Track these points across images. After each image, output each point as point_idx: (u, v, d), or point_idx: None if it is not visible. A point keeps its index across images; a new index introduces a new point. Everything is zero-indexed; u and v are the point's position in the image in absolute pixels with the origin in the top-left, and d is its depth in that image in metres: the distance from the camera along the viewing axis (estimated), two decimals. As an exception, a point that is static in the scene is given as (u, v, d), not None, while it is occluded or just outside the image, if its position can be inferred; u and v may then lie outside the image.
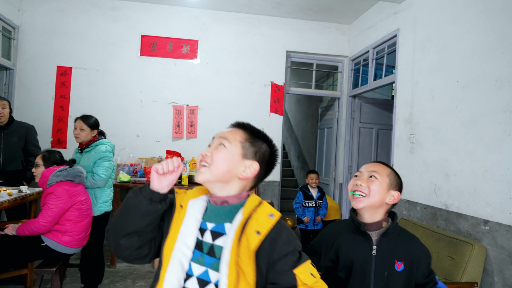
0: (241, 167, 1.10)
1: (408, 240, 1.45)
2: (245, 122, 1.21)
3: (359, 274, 1.39)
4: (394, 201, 1.44)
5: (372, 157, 5.48)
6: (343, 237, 1.45)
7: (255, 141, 1.14)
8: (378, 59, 4.79)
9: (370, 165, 1.49)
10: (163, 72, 5.17)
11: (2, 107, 3.71)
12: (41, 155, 2.81)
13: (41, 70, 4.95)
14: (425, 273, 1.43)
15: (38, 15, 4.94)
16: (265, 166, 1.15)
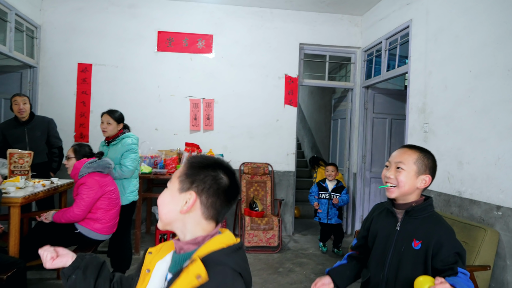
0: (180, 202, 1.05)
1: (434, 224, 1.49)
2: (196, 155, 1.15)
3: (381, 245, 1.56)
4: (425, 184, 1.51)
5: (385, 147, 5.56)
6: (377, 212, 1.66)
7: (196, 172, 1.07)
8: (391, 49, 4.85)
9: (397, 155, 1.55)
10: (179, 67, 5.31)
11: (23, 102, 3.91)
12: (72, 148, 2.98)
13: (63, 67, 5.13)
14: (446, 261, 1.43)
15: (59, 15, 5.11)
16: (214, 189, 1.06)
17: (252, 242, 4.60)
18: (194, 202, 1.04)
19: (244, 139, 5.43)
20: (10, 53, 4.40)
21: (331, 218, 4.56)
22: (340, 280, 1.64)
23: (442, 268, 1.44)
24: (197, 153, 1.00)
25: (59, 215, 2.77)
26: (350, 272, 1.67)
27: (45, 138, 4.16)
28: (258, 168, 5.26)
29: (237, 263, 1.00)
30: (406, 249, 1.49)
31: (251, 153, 5.43)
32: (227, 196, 1.09)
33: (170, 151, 4.95)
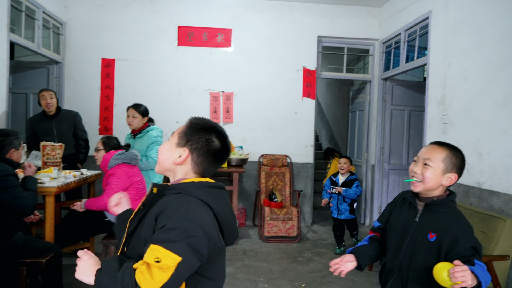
0: (175, 154, 1.26)
1: (451, 219, 1.54)
2: (198, 117, 1.33)
3: (399, 234, 1.63)
4: (451, 182, 1.55)
5: (404, 139, 5.57)
6: (401, 200, 1.73)
7: (192, 132, 1.25)
8: (410, 41, 4.84)
9: (426, 151, 1.59)
10: (199, 61, 5.42)
11: (50, 97, 4.09)
12: (101, 141, 3.13)
13: (87, 62, 5.30)
14: (462, 255, 1.47)
15: (83, 11, 5.27)
16: (204, 150, 1.24)
17: (272, 232, 4.71)
18: (186, 158, 1.25)
19: (263, 131, 5.52)
20: (38, 50, 4.58)
21: (342, 214, 4.40)
22: (362, 258, 1.70)
23: (462, 260, 1.47)
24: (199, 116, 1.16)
25: (90, 202, 2.93)
26: (372, 252, 1.75)
27: (71, 131, 4.34)
28: (276, 160, 5.35)
29: (205, 195, 1.18)
30: (422, 240, 1.55)
31: (269, 145, 5.52)
32: (215, 157, 1.27)
33: (191, 143, 5.07)
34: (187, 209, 1.13)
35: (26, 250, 2.45)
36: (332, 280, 3.57)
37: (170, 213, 1.13)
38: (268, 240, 4.73)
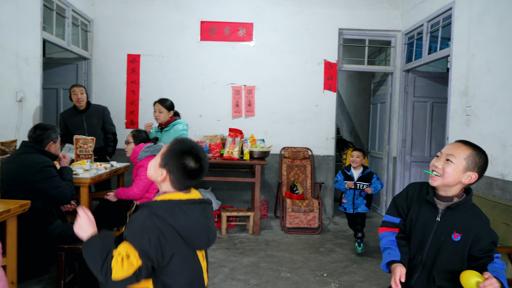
0: (158, 172, 1.45)
1: (474, 217, 1.59)
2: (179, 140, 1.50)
3: (421, 232, 1.67)
4: (470, 181, 1.57)
5: (426, 131, 5.54)
6: (417, 197, 1.71)
7: (170, 156, 1.44)
8: (433, 32, 4.80)
9: (450, 147, 1.62)
10: (221, 55, 5.51)
11: (80, 92, 4.28)
12: (131, 134, 3.28)
13: (114, 58, 5.48)
14: (484, 250, 1.57)
15: (109, 8, 5.44)
16: (180, 173, 1.42)
17: (293, 223, 4.80)
18: (165, 177, 1.44)
19: (284, 124, 5.59)
20: (68, 47, 4.77)
21: (357, 207, 4.11)
22: (406, 262, 1.69)
23: (480, 256, 1.57)
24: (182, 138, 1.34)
25: (119, 191, 3.10)
26: (407, 250, 1.72)
27: (100, 125, 4.53)
28: (298, 153, 5.42)
29: (161, 208, 1.36)
30: (446, 240, 1.60)
31: (291, 138, 5.59)
32: (190, 176, 1.45)
33: (214, 136, 5.20)
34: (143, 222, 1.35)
35: (64, 237, 2.62)
36: (353, 270, 3.64)
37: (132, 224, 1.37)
38: (289, 231, 4.82)
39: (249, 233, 4.70)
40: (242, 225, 4.95)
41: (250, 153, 4.79)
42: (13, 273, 2.02)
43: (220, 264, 3.67)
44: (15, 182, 2.36)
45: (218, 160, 4.73)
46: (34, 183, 2.43)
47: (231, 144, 4.82)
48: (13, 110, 3.70)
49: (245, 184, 5.61)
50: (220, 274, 3.42)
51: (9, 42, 3.60)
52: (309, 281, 3.36)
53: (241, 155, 4.80)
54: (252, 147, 4.89)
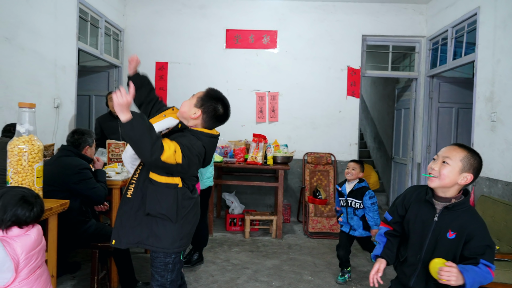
0: (192, 111, 1.83)
1: (470, 218, 1.64)
2: (213, 88, 1.93)
3: (419, 231, 1.74)
4: (466, 182, 1.63)
5: (451, 137, 5.49)
6: (416, 198, 1.79)
7: (206, 100, 1.84)
8: (458, 38, 4.78)
9: (446, 150, 1.69)
10: (246, 62, 5.65)
11: None
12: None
13: (143, 66, 5.69)
14: (472, 251, 1.60)
15: (139, 18, 5.68)
16: (211, 114, 1.85)
17: (316, 228, 4.85)
18: (199, 116, 1.83)
19: (307, 129, 5.66)
20: (101, 56, 5.02)
21: (355, 230, 3.44)
22: (391, 260, 1.84)
23: (468, 256, 1.61)
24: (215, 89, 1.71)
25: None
26: (395, 249, 1.86)
27: None
28: (321, 158, 5.47)
29: (204, 141, 1.80)
30: (442, 238, 1.67)
31: (314, 143, 5.65)
32: (218, 119, 1.89)
33: (238, 141, 5.33)
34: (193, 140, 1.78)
35: (98, 235, 2.78)
36: (375, 275, 3.66)
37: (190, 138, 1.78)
38: (312, 235, 4.87)
39: (272, 236, 4.78)
40: (265, 229, 5.04)
41: (273, 158, 4.89)
42: (53, 267, 2.18)
43: (244, 266, 3.77)
44: (55, 183, 2.55)
45: (242, 165, 4.85)
46: (72, 184, 2.61)
47: (255, 149, 4.93)
48: (51, 116, 3.94)
49: (269, 188, 5.71)
50: (244, 276, 3.52)
51: (48, 52, 3.85)
52: (331, 285, 3.41)
53: (264, 160, 4.91)
54: (275, 152, 4.98)
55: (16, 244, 1.50)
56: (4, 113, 3.20)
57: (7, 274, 1.46)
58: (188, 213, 1.88)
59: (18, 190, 1.58)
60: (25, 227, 1.56)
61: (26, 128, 2.07)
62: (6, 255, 1.44)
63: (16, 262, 1.48)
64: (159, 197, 1.76)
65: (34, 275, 1.58)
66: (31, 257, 1.56)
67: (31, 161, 2.05)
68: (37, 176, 2.08)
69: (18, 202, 1.53)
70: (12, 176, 2.02)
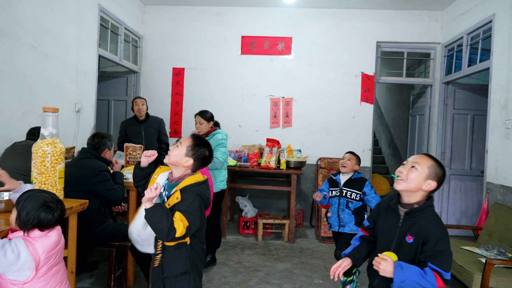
0: (184, 159, 1.94)
1: (428, 223, 1.70)
2: (197, 136, 2.04)
3: (386, 237, 1.83)
4: (429, 188, 1.71)
5: (466, 143, 5.45)
6: (385, 206, 1.90)
7: (196, 148, 1.96)
8: (473, 44, 4.76)
9: (415, 157, 1.79)
10: (261, 68, 5.75)
11: (141, 104, 4.64)
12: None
13: (160, 72, 5.86)
14: (425, 254, 1.65)
15: (157, 25, 5.85)
16: (201, 161, 1.99)
17: (328, 232, 4.87)
18: (191, 164, 1.95)
19: (321, 135, 5.71)
20: (120, 62, 5.19)
21: (344, 225, 3.21)
22: (358, 261, 1.93)
23: (422, 259, 1.67)
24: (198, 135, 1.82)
25: (166, 197, 3.35)
26: (364, 253, 1.97)
27: (156, 135, 4.87)
28: (334, 163, 5.50)
29: (198, 190, 1.88)
30: (403, 242, 1.74)
31: (327, 149, 5.69)
32: (205, 162, 2.02)
33: (252, 146, 5.42)
34: (193, 199, 1.86)
35: (115, 235, 2.90)
36: (386, 280, 3.67)
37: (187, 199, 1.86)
38: (324, 240, 4.90)
39: (284, 240, 4.83)
40: (277, 232, 5.10)
41: (286, 162, 4.95)
42: (72, 264, 2.29)
43: (255, 268, 3.84)
44: (75, 184, 2.67)
45: (256, 169, 4.92)
46: (91, 185, 2.74)
47: (268, 154, 5.00)
48: (72, 119, 4.10)
49: (282, 193, 5.77)
50: (255, 278, 3.58)
51: (71, 59, 4.02)
52: (341, 289, 3.44)
53: (278, 165, 4.97)
54: (288, 157, 5.04)
55: (37, 245, 1.60)
56: (29, 117, 3.37)
57: (27, 272, 1.57)
58: (200, 262, 2.04)
59: (41, 196, 1.68)
60: (46, 229, 1.66)
61: (49, 131, 2.20)
62: (29, 254, 1.55)
63: (37, 261, 1.58)
64: (173, 260, 1.92)
65: (51, 272, 1.68)
66: (51, 257, 1.66)
67: (54, 162, 2.17)
68: (59, 176, 2.20)
69: (41, 207, 1.63)
70: (36, 176, 2.15)
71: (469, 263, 3.05)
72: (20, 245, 1.54)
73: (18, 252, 1.52)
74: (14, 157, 2.87)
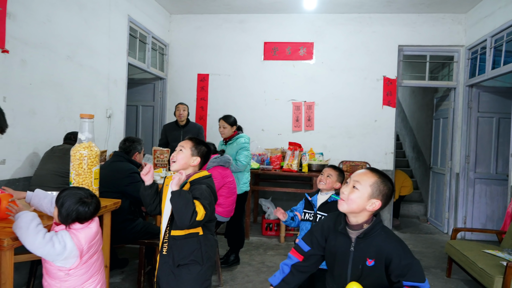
0: (191, 159, 2.08)
1: (384, 241, 1.58)
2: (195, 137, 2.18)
3: (340, 262, 1.66)
4: (374, 208, 1.57)
5: (492, 147, 5.39)
6: (333, 228, 1.71)
7: (198, 146, 2.11)
8: (497, 47, 4.73)
9: (357, 174, 1.64)
10: (283, 73, 5.87)
11: (183, 109, 4.84)
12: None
13: (186, 78, 6.07)
14: (395, 274, 1.54)
15: (183, 33, 6.07)
16: (204, 157, 2.14)
17: (350, 235, 4.91)
18: (199, 161, 2.10)
19: (342, 138, 5.77)
20: (148, 69, 5.43)
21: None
22: None
23: (394, 280, 1.56)
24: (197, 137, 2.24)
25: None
26: (295, 283, 1.77)
27: None
28: (356, 166, 5.55)
29: (206, 183, 2.02)
30: (363, 267, 1.60)
31: (349, 152, 5.74)
32: (206, 158, 2.16)
33: (275, 149, 5.53)
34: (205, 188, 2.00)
35: (144, 233, 3.07)
36: (408, 283, 3.70)
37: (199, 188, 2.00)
38: (346, 242, 4.94)
39: (306, 242, 4.91)
40: (300, 234, 5.18)
41: (308, 165, 5.04)
42: (106, 258, 2.47)
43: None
44: (108, 185, 2.86)
45: (278, 172, 5.04)
46: (123, 186, 2.93)
47: (290, 157, 5.11)
48: (104, 125, 4.34)
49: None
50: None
51: (103, 67, 4.26)
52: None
53: (300, 168, 5.07)
54: (310, 160, 5.14)
55: (80, 235, 1.78)
56: (65, 123, 3.61)
57: (73, 259, 1.76)
58: (212, 255, 2.11)
59: (77, 193, 1.85)
60: (85, 222, 1.84)
61: (86, 136, 2.40)
62: (73, 244, 1.74)
63: (81, 250, 1.77)
64: (185, 248, 1.99)
65: (91, 260, 1.87)
66: (92, 246, 1.84)
67: (90, 164, 2.36)
68: (94, 177, 2.39)
69: (78, 203, 1.81)
70: (74, 177, 2.34)
71: (490, 266, 3.06)
72: (66, 236, 1.73)
73: (64, 243, 1.70)
74: (53, 160, 3.10)
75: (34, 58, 3.21)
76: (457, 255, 3.57)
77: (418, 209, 6.86)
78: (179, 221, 1.88)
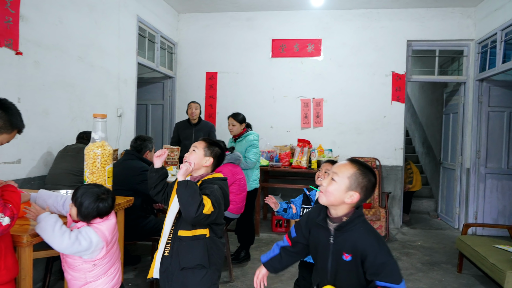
0: (204, 160, 2.07)
1: (360, 235, 1.53)
2: (208, 137, 2.20)
3: (322, 255, 1.65)
4: (352, 201, 1.53)
5: (503, 141, 5.34)
6: (316, 220, 1.68)
7: (211, 147, 2.10)
8: (508, 40, 4.69)
9: (337, 166, 1.60)
10: (291, 70, 5.88)
11: (195, 108, 4.88)
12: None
13: (194, 76, 6.12)
14: (369, 272, 1.50)
15: (191, 32, 6.11)
16: (218, 158, 2.12)
17: (360, 231, 4.92)
18: (212, 162, 2.08)
19: (351, 135, 5.76)
20: (157, 68, 5.48)
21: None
22: (275, 270, 1.83)
23: (369, 278, 1.52)
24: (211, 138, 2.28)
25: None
26: (283, 265, 1.82)
27: None
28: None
29: (219, 184, 1.98)
30: (340, 261, 1.57)
31: (358, 148, 5.74)
32: (220, 159, 2.15)
33: (284, 146, 5.56)
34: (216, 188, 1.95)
35: (156, 229, 3.13)
36: (418, 278, 3.71)
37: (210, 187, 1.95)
38: (356, 238, 4.95)
39: (316, 238, 4.93)
40: (309, 231, 5.20)
41: (317, 162, 5.06)
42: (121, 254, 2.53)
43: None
44: (121, 183, 2.91)
45: (287, 169, 5.06)
46: (135, 184, 2.98)
47: (299, 154, 5.13)
48: (115, 124, 4.41)
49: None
50: (287, 273, 3.72)
51: (113, 67, 4.32)
52: (372, 285, 3.52)
53: (309, 164, 5.09)
54: (319, 156, 5.15)
55: (103, 228, 1.87)
56: (77, 122, 3.67)
57: (100, 251, 1.85)
58: (219, 259, 2.06)
59: (93, 190, 1.91)
60: (105, 216, 1.91)
61: (99, 135, 2.45)
62: (99, 237, 1.82)
63: (107, 241, 1.87)
64: (190, 250, 1.91)
65: (113, 249, 1.97)
66: (114, 236, 1.95)
67: (103, 163, 2.41)
68: (108, 176, 2.44)
69: (96, 200, 1.87)
70: (88, 176, 2.40)
71: (501, 261, 3.06)
72: (90, 232, 1.80)
73: (90, 239, 1.78)
74: (66, 159, 3.16)
75: (47, 59, 3.27)
76: (468, 251, 3.56)
77: (428, 205, 6.83)
78: (184, 213, 1.79)
